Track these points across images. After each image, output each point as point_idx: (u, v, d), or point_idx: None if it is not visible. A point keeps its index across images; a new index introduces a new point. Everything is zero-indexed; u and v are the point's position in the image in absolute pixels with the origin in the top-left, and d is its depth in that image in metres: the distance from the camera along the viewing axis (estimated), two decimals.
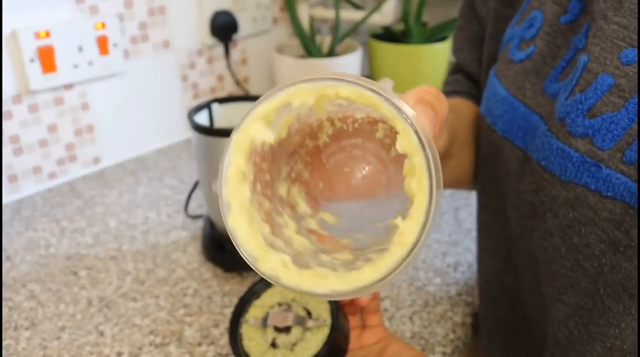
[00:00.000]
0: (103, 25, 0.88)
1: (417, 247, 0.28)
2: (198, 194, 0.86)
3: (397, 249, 0.28)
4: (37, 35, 0.82)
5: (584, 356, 0.41)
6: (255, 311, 0.52)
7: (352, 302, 0.51)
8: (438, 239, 0.77)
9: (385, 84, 0.30)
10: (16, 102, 0.84)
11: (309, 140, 0.36)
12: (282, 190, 0.36)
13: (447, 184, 0.53)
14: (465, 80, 0.62)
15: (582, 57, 0.39)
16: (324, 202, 0.38)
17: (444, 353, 0.59)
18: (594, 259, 0.38)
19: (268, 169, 0.34)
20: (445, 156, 0.46)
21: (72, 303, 0.66)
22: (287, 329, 0.50)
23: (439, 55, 1.11)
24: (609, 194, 0.36)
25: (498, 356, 0.60)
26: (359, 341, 0.52)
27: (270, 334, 0.50)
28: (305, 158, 0.37)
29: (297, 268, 0.30)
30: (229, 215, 0.30)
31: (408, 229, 0.28)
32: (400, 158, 0.31)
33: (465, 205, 0.85)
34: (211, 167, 0.67)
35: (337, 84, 0.29)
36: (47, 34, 0.83)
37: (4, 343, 0.60)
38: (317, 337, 0.49)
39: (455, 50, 0.62)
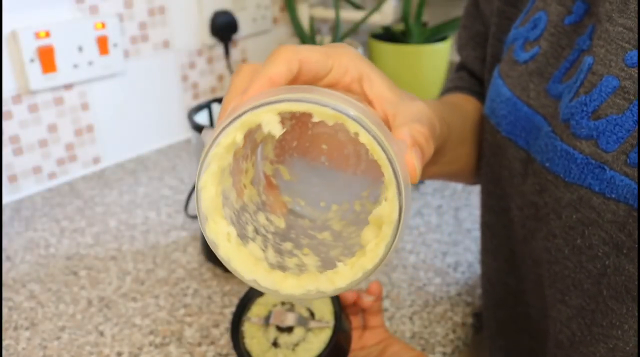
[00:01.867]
0: (103, 25, 0.88)
1: (378, 267, 0.31)
2: None
3: (363, 263, 0.31)
4: (37, 35, 0.82)
5: None
6: (258, 309, 0.52)
7: (355, 303, 0.51)
8: (438, 239, 0.77)
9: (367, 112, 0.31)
10: (16, 102, 0.84)
11: None
12: (259, 134, 0.36)
13: (442, 177, 0.54)
14: (468, 77, 0.62)
15: (587, 59, 0.39)
16: (289, 158, 0.38)
17: (444, 353, 0.59)
18: (597, 260, 0.38)
19: None
20: (438, 152, 0.46)
21: (72, 303, 0.66)
22: (289, 329, 0.50)
23: (439, 55, 1.11)
24: (613, 196, 0.36)
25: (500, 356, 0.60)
26: (360, 342, 0.52)
27: (272, 333, 0.50)
28: (295, 113, 0.37)
29: (281, 273, 0.32)
30: (206, 224, 0.32)
31: (373, 250, 0.31)
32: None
33: (465, 205, 0.85)
34: None
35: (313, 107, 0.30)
36: (47, 34, 0.83)
37: (3, 343, 0.60)
38: (319, 338, 0.49)
39: (459, 48, 0.63)
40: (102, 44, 0.89)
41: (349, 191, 0.38)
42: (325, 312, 0.50)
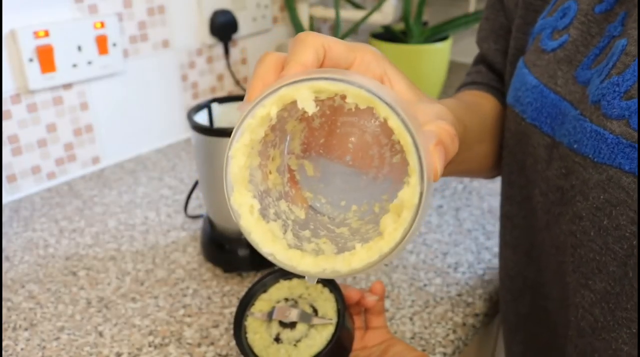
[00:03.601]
0: (102, 25, 0.88)
1: (392, 254, 0.31)
2: (197, 194, 0.86)
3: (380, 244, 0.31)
4: (36, 35, 0.82)
5: (608, 343, 0.41)
6: (261, 305, 0.52)
7: (358, 303, 0.51)
8: (438, 239, 0.77)
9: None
10: (15, 102, 0.84)
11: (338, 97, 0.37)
12: (290, 125, 0.37)
13: (457, 175, 0.56)
14: (487, 71, 0.63)
15: (620, 42, 0.40)
16: (314, 155, 0.39)
17: (445, 354, 0.59)
18: (623, 241, 0.39)
19: None
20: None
21: (71, 303, 0.66)
22: (292, 325, 0.50)
23: (439, 55, 1.11)
24: None
25: (518, 351, 0.60)
26: (362, 342, 0.52)
27: (275, 328, 0.50)
28: (325, 110, 0.37)
29: (299, 252, 0.33)
30: (232, 194, 0.32)
31: (391, 234, 0.31)
32: (396, 147, 0.35)
33: (466, 205, 0.84)
34: (211, 167, 0.67)
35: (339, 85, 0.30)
36: (46, 34, 0.82)
37: (2, 344, 0.60)
38: (322, 335, 0.49)
39: (480, 40, 0.63)
40: (102, 44, 0.89)
41: (370, 192, 0.38)
42: (329, 310, 0.50)
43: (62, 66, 0.85)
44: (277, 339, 0.50)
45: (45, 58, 0.83)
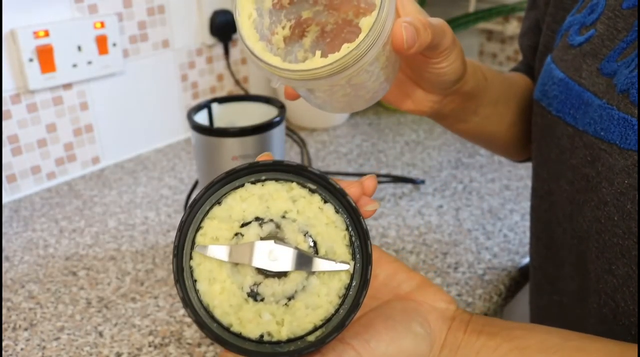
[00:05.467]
0: (102, 25, 0.88)
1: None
2: None
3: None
4: (36, 35, 0.82)
5: (628, 329, 0.42)
6: (215, 228, 0.31)
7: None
8: (438, 239, 0.77)
9: None
10: (15, 102, 0.84)
11: None
12: None
13: (484, 137, 0.58)
14: (525, 64, 0.66)
15: None
16: None
17: None
18: None
19: None
20: (474, 98, 0.51)
21: (71, 304, 0.66)
22: (280, 273, 0.31)
23: None
24: None
25: None
26: None
27: (249, 276, 0.31)
28: None
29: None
30: None
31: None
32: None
33: (466, 205, 0.84)
34: (211, 167, 0.67)
35: None
36: (46, 34, 0.82)
37: (2, 344, 0.60)
38: (330, 288, 0.31)
39: (519, 37, 0.67)
40: (101, 44, 0.89)
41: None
42: (337, 244, 0.32)
43: (62, 66, 0.85)
44: (254, 295, 0.31)
45: (45, 58, 0.83)
